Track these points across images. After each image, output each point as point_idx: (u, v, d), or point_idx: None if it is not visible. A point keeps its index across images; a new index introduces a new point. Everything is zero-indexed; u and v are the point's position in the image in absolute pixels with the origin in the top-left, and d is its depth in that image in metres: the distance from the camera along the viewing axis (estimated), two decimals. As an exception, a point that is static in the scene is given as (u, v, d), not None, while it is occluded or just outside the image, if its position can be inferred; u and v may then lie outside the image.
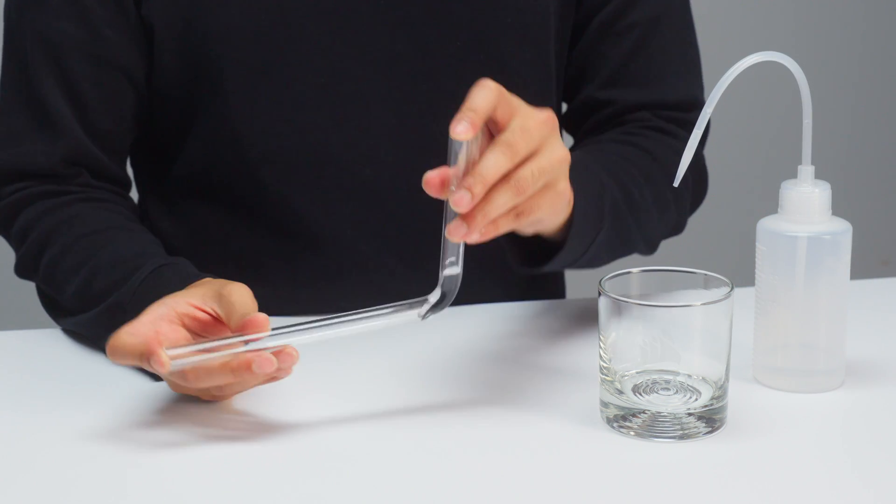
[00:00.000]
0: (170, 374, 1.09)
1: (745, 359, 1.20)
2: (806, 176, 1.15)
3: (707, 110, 1.11)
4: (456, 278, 1.10)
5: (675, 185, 1.13)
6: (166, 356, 1.07)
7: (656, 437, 1.09)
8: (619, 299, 1.09)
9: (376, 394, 1.18)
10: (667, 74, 1.43)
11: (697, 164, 1.46)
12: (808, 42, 2.94)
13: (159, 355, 1.07)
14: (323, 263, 1.39)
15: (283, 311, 1.27)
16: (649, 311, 1.09)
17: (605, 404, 1.12)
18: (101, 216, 1.32)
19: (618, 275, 1.13)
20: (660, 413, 1.09)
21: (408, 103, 1.36)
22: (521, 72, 1.38)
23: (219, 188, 1.39)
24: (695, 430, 1.10)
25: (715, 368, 1.10)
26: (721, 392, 1.10)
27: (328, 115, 1.35)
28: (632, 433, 1.10)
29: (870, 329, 1.29)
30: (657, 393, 1.11)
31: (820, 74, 2.89)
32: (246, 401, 1.16)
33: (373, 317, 1.11)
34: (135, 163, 1.46)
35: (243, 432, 1.12)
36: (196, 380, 1.10)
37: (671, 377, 1.11)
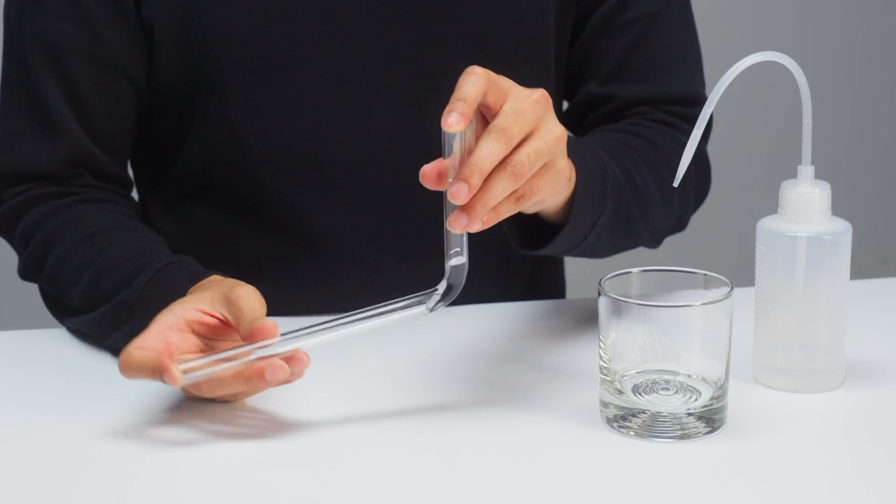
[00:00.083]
0: (183, 387, 1.09)
1: (745, 359, 1.20)
2: (806, 176, 1.15)
3: (707, 110, 1.11)
4: (462, 268, 1.09)
5: (675, 184, 1.12)
6: (178, 372, 1.07)
7: (656, 437, 1.09)
8: (619, 299, 1.09)
9: (376, 394, 1.18)
10: (667, 69, 1.43)
11: (700, 158, 1.45)
12: (808, 42, 2.94)
13: (171, 372, 1.07)
14: (323, 263, 1.39)
15: (283, 311, 1.27)
16: (649, 311, 1.09)
17: (605, 404, 1.12)
18: (105, 216, 1.32)
19: (618, 275, 1.13)
20: (660, 413, 1.09)
21: (408, 103, 1.36)
22: (521, 71, 1.37)
23: (219, 188, 1.39)
24: (695, 430, 1.10)
25: (715, 368, 1.10)
26: (721, 392, 1.10)
27: (328, 115, 1.35)
28: (632, 433, 1.10)
29: (870, 329, 1.29)
30: (657, 393, 1.11)
31: (820, 74, 2.89)
32: (249, 400, 1.16)
33: (381, 313, 1.11)
34: (135, 163, 1.46)
35: (248, 429, 1.12)
36: (210, 390, 1.10)
37: (671, 377, 1.11)
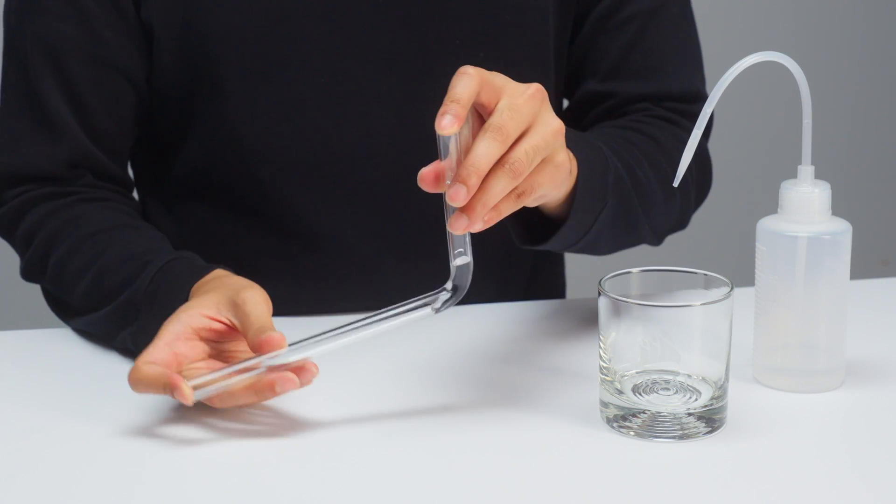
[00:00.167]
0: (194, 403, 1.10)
1: (745, 359, 1.20)
2: (806, 176, 1.15)
3: (707, 110, 1.11)
4: (467, 268, 1.08)
5: (675, 184, 1.12)
6: (189, 389, 1.08)
7: (656, 437, 1.09)
8: (619, 299, 1.09)
9: (376, 394, 1.18)
10: (667, 66, 1.42)
11: (701, 156, 1.45)
12: (808, 42, 2.94)
13: (182, 390, 1.08)
14: (323, 263, 1.39)
15: (283, 311, 1.27)
16: (649, 311, 1.09)
17: (605, 404, 1.12)
18: (106, 215, 1.33)
19: (618, 275, 1.12)
20: (660, 413, 1.09)
21: (408, 103, 1.36)
22: (521, 69, 1.37)
23: (219, 188, 1.39)
24: (695, 430, 1.10)
25: (715, 368, 1.10)
26: (721, 392, 1.10)
27: (328, 115, 1.35)
28: (632, 433, 1.10)
29: (870, 329, 1.29)
30: (657, 393, 1.10)
31: (820, 74, 2.89)
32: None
33: (388, 317, 1.10)
34: (135, 163, 1.46)
35: (248, 429, 1.12)
36: (221, 403, 1.11)
37: (671, 377, 1.11)
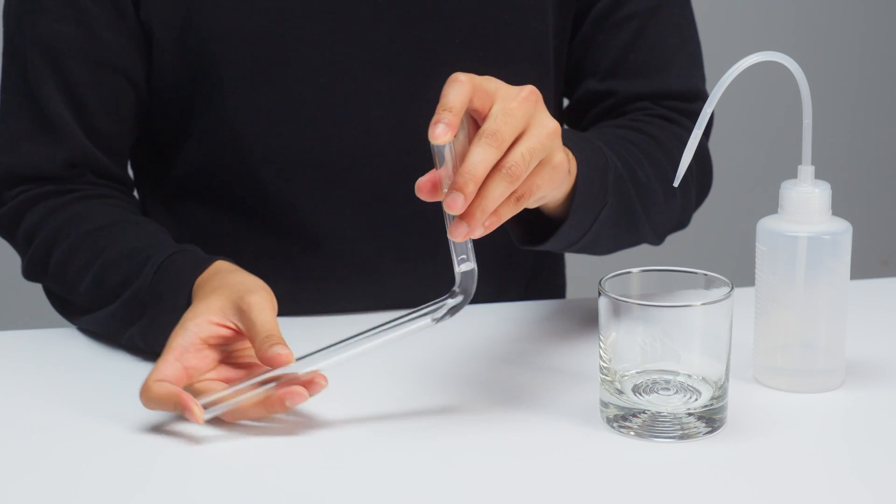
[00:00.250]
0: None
1: (745, 359, 1.20)
2: (806, 176, 1.15)
3: (707, 110, 1.11)
4: (472, 273, 1.08)
5: (676, 184, 1.12)
6: (200, 411, 1.09)
7: (656, 437, 1.09)
8: (619, 299, 1.09)
9: (376, 394, 1.18)
10: (667, 64, 1.42)
11: (702, 155, 1.45)
12: (808, 42, 2.94)
13: (193, 411, 1.08)
14: (323, 263, 1.39)
15: (283, 311, 1.27)
16: (649, 311, 1.09)
17: (605, 404, 1.12)
18: (106, 211, 1.33)
19: (618, 275, 1.12)
20: (660, 413, 1.09)
21: (408, 103, 1.36)
22: (521, 69, 1.37)
23: (219, 188, 1.39)
24: (695, 430, 1.10)
25: (715, 368, 1.10)
26: (721, 392, 1.10)
27: (328, 114, 1.35)
28: (632, 433, 1.10)
29: (870, 329, 1.29)
30: (657, 393, 1.10)
31: (820, 74, 2.89)
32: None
33: (396, 325, 1.10)
34: (135, 164, 1.46)
35: (248, 429, 1.12)
36: (231, 418, 1.12)
37: (671, 377, 1.11)
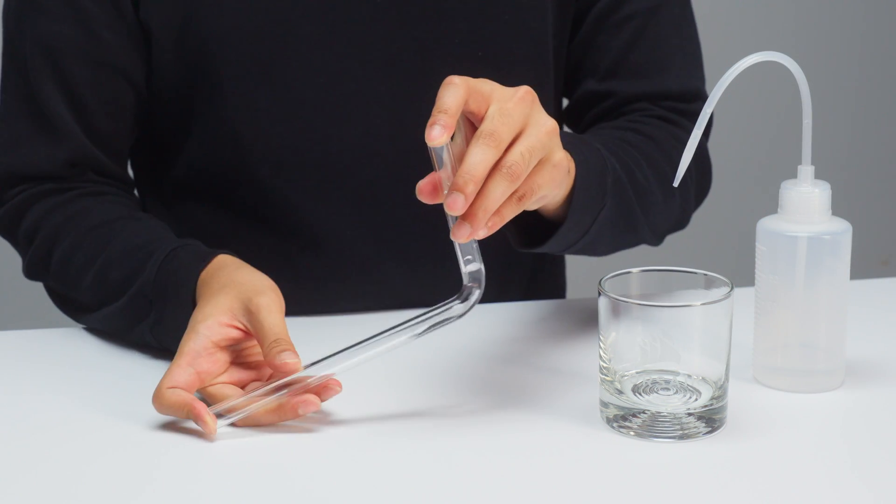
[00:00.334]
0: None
1: (745, 359, 1.20)
2: (806, 176, 1.15)
3: (707, 110, 1.11)
4: (479, 273, 1.08)
5: (675, 184, 1.12)
6: (213, 421, 1.09)
7: (656, 437, 1.09)
8: (619, 299, 1.09)
9: (375, 394, 1.18)
10: (666, 65, 1.42)
11: (701, 156, 1.45)
12: (808, 42, 2.94)
13: (206, 421, 1.09)
14: (323, 263, 1.39)
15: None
16: (649, 311, 1.09)
17: (605, 404, 1.12)
18: (107, 208, 1.33)
19: (618, 275, 1.12)
20: (660, 413, 1.09)
21: (408, 103, 1.36)
22: (520, 69, 1.38)
23: (218, 188, 1.39)
24: (695, 430, 1.10)
25: (715, 368, 1.10)
26: (721, 392, 1.10)
27: (328, 114, 1.35)
28: (632, 433, 1.10)
29: (870, 329, 1.29)
30: (657, 393, 1.10)
31: (820, 74, 2.89)
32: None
33: (402, 330, 1.11)
34: (135, 164, 1.46)
35: (248, 429, 1.12)
36: (244, 425, 1.12)
37: (671, 377, 1.11)
